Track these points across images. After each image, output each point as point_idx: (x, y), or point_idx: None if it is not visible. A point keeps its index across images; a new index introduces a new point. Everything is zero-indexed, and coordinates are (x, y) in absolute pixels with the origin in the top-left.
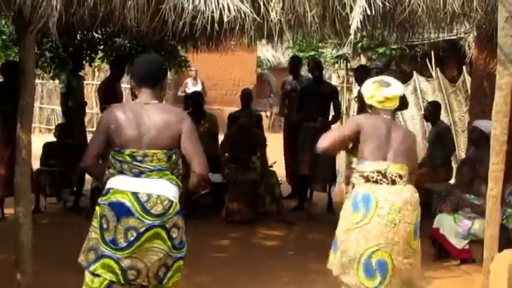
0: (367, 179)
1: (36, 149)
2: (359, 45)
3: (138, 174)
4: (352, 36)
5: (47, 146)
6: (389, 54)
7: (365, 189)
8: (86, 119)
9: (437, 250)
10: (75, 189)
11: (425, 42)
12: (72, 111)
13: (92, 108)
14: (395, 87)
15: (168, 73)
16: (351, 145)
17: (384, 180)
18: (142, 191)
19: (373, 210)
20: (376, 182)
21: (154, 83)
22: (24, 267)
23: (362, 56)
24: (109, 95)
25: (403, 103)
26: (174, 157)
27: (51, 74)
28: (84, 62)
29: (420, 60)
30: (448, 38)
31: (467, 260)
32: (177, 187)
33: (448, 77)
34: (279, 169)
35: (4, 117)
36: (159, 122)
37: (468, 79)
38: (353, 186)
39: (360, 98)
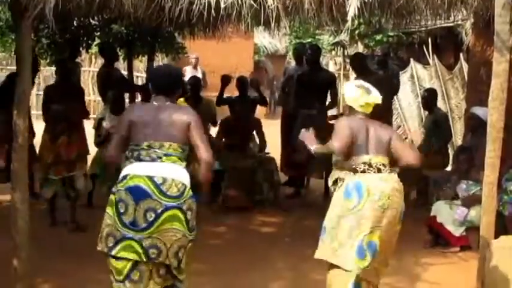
0: (355, 171)
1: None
2: (356, 32)
3: (154, 159)
4: (349, 23)
5: None
6: (386, 41)
7: (355, 178)
8: None
9: (434, 237)
10: None
11: (423, 29)
12: None
13: (89, 95)
14: (377, 96)
15: (165, 59)
16: None
17: (371, 169)
18: (158, 175)
19: (366, 197)
20: (363, 171)
21: (170, 93)
22: (21, 254)
23: (359, 43)
24: (107, 81)
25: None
26: (185, 151)
27: (48, 61)
28: (80, 48)
29: (417, 47)
30: (445, 25)
31: (463, 246)
32: (188, 174)
33: (445, 64)
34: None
35: None
36: (172, 119)
37: (465, 66)
38: (341, 181)
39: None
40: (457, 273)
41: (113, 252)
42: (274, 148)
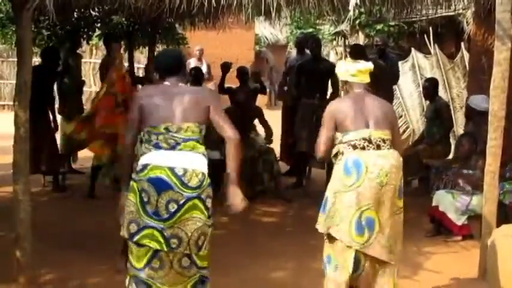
0: (354, 147)
1: None
2: (357, 22)
3: (173, 146)
4: (350, 13)
5: None
6: (387, 31)
7: (354, 155)
8: (84, 98)
9: (436, 226)
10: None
11: (424, 18)
12: (68, 89)
13: (90, 86)
14: (366, 63)
15: None
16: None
17: (370, 145)
18: (179, 166)
19: (364, 174)
20: (363, 148)
21: (177, 73)
22: (23, 245)
23: (360, 32)
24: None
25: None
26: (202, 131)
27: None
28: (81, 40)
29: (418, 36)
30: (446, 14)
31: (465, 236)
32: (206, 159)
33: (446, 53)
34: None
35: None
36: (189, 99)
37: (466, 55)
38: (341, 155)
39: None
40: (459, 262)
41: (135, 239)
42: (274, 138)
